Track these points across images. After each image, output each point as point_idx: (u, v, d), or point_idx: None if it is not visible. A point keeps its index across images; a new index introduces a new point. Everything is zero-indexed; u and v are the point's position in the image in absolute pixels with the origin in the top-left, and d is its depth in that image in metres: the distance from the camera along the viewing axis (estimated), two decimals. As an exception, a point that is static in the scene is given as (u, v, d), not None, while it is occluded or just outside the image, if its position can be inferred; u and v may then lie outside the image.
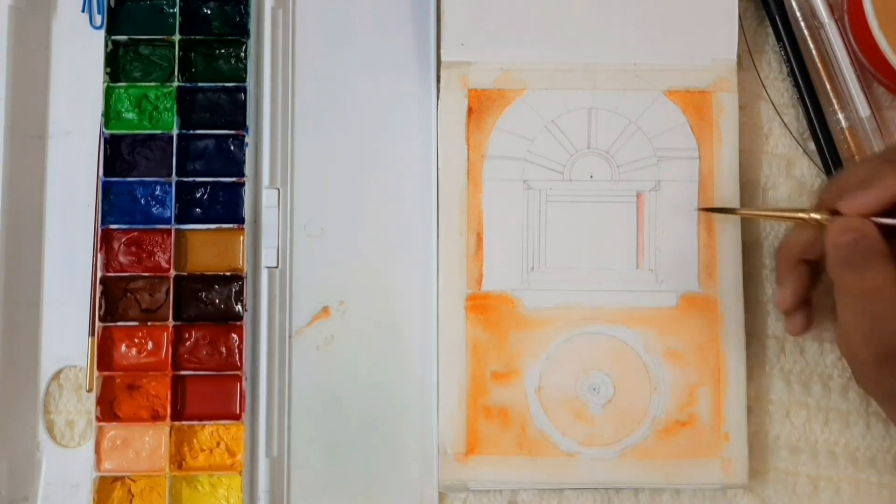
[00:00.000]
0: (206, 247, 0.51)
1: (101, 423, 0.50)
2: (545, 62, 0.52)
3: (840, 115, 0.52)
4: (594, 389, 0.50)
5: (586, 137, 0.51)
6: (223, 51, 0.53)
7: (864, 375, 0.45)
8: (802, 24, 0.53)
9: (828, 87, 0.52)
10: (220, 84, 0.52)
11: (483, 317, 0.50)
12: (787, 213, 0.47)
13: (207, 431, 0.50)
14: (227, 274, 0.51)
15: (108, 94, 0.52)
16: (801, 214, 0.46)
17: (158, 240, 0.51)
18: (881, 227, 0.43)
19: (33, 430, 0.51)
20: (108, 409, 0.50)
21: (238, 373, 0.50)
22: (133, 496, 0.50)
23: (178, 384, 0.50)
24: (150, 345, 0.51)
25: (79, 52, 0.53)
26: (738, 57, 0.52)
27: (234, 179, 0.51)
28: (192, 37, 0.52)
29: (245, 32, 0.52)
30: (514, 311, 0.50)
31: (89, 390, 0.51)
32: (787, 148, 0.53)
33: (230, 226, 0.51)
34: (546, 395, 0.50)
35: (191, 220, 0.51)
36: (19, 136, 0.51)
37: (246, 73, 0.52)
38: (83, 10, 0.54)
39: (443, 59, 0.52)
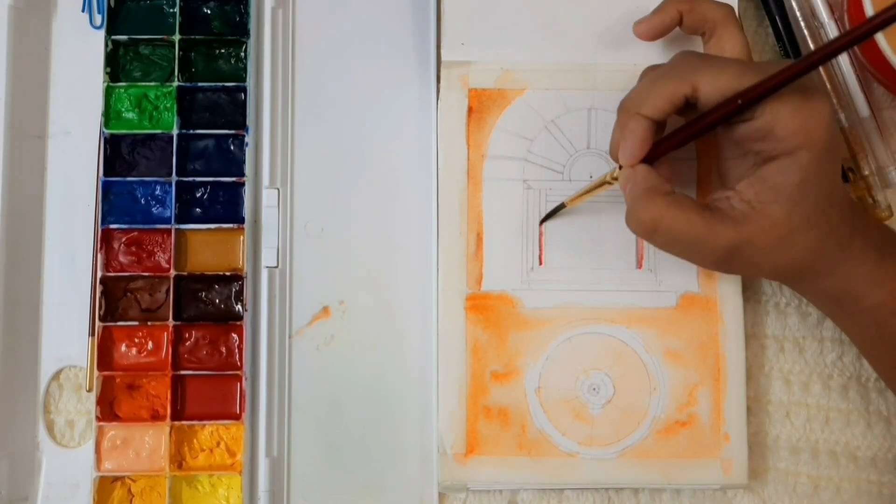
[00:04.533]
0: (206, 247, 0.51)
1: (101, 423, 0.50)
2: (545, 62, 0.51)
3: (840, 115, 0.52)
4: (594, 389, 0.50)
5: (586, 137, 0.51)
6: (223, 51, 0.53)
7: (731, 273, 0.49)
8: (802, 24, 0.53)
9: (828, 87, 0.52)
10: (220, 84, 0.52)
11: (483, 317, 0.50)
12: (597, 183, 0.48)
13: (207, 431, 0.50)
14: (227, 274, 0.51)
15: (108, 94, 0.52)
16: (607, 179, 0.47)
17: (158, 240, 0.51)
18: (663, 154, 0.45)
19: (33, 430, 0.51)
20: (108, 409, 0.50)
21: (238, 373, 0.50)
22: (133, 496, 0.50)
23: (178, 384, 0.50)
24: (150, 345, 0.51)
25: (79, 52, 0.53)
26: (738, 57, 0.52)
27: (234, 179, 0.51)
28: (192, 37, 0.52)
29: (245, 32, 0.52)
30: (514, 311, 0.50)
31: (89, 390, 0.51)
32: (787, 148, 0.53)
33: (230, 226, 0.51)
34: (546, 395, 0.50)
35: (191, 220, 0.51)
36: (19, 136, 0.51)
37: (246, 73, 0.52)
38: (83, 10, 0.54)
39: (443, 59, 0.52)
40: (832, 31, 0.52)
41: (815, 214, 0.44)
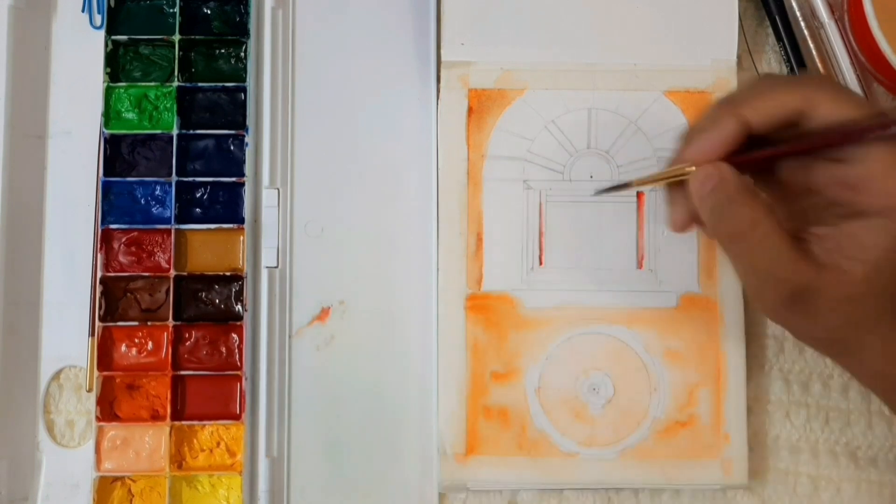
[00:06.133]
0: (206, 247, 0.51)
1: (101, 423, 0.50)
2: (545, 62, 0.52)
3: (840, 115, 0.52)
4: (594, 389, 0.50)
5: (586, 137, 0.51)
6: (223, 51, 0.53)
7: (782, 323, 0.43)
8: (802, 24, 0.53)
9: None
10: (220, 84, 0.52)
11: (483, 317, 0.50)
12: (671, 172, 0.43)
13: (207, 431, 0.50)
14: (227, 274, 0.51)
15: (108, 94, 0.52)
16: (685, 168, 0.42)
17: (158, 240, 0.51)
18: (747, 167, 0.41)
19: (33, 430, 0.51)
20: (108, 409, 0.50)
21: (238, 373, 0.50)
22: (133, 496, 0.50)
23: (178, 384, 0.50)
24: (150, 345, 0.51)
25: (79, 52, 0.53)
26: (738, 57, 0.52)
27: (234, 179, 0.51)
28: (192, 37, 0.52)
29: (245, 32, 0.52)
30: (514, 311, 0.50)
31: (89, 390, 0.51)
32: (787, 148, 0.53)
33: (230, 226, 0.51)
34: (546, 395, 0.50)
35: (191, 220, 0.51)
36: (19, 136, 0.51)
37: (246, 73, 0.52)
38: (83, 10, 0.54)
39: (443, 59, 0.52)
40: (832, 31, 0.52)
41: (891, 283, 0.40)
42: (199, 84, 0.52)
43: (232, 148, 0.52)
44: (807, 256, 0.40)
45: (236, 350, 0.51)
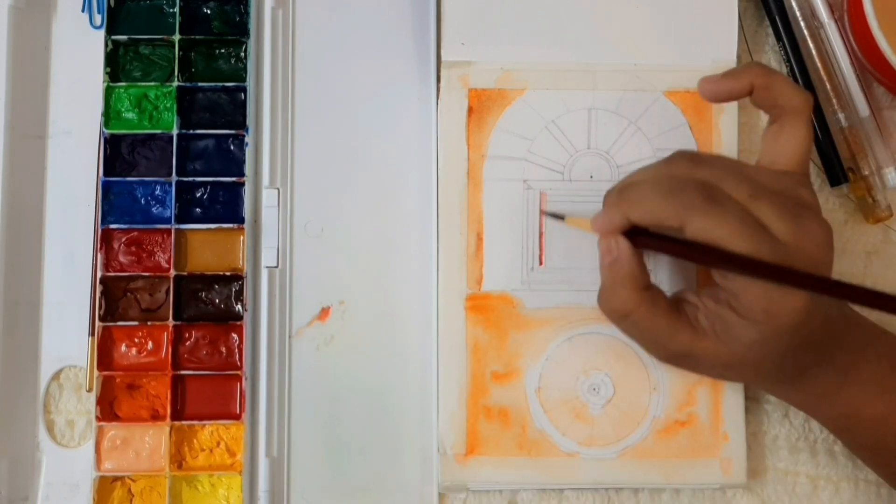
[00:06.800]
0: (206, 247, 0.51)
1: (101, 423, 0.50)
2: (545, 62, 0.52)
3: (840, 115, 0.52)
4: (594, 389, 0.50)
5: (586, 138, 0.51)
6: (223, 51, 0.53)
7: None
8: (802, 24, 0.53)
9: (828, 87, 0.52)
10: (220, 84, 0.52)
11: (483, 317, 0.50)
12: (587, 226, 0.46)
13: (207, 431, 0.50)
14: (227, 274, 0.51)
15: (108, 93, 0.52)
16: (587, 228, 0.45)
17: (158, 240, 0.51)
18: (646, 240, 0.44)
19: (33, 430, 0.51)
20: (108, 409, 0.50)
21: (238, 373, 0.50)
22: (133, 496, 0.50)
23: (178, 384, 0.50)
24: (150, 345, 0.51)
25: (79, 52, 0.53)
26: (738, 57, 0.52)
27: (234, 179, 0.51)
28: (192, 37, 0.52)
29: (245, 32, 0.52)
30: (514, 311, 0.50)
31: (89, 390, 0.51)
32: (787, 148, 0.53)
33: (230, 226, 0.51)
34: (546, 395, 0.50)
35: (191, 219, 0.51)
36: (19, 136, 0.51)
37: (246, 73, 0.52)
38: (83, 10, 0.54)
39: (443, 58, 0.52)
40: (832, 31, 0.52)
41: (766, 364, 0.44)
42: (199, 84, 0.52)
43: (232, 148, 0.52)
44: (684, 325, 0.44)
45: (236, 350, 0.51)
